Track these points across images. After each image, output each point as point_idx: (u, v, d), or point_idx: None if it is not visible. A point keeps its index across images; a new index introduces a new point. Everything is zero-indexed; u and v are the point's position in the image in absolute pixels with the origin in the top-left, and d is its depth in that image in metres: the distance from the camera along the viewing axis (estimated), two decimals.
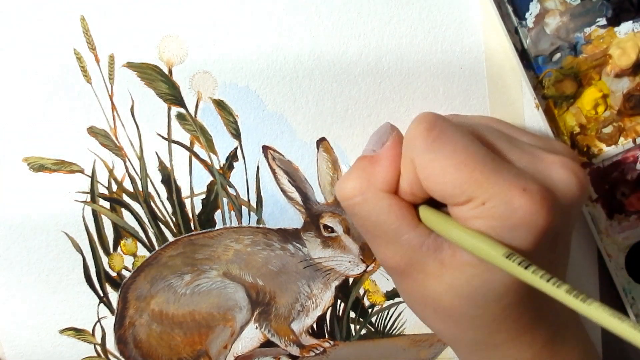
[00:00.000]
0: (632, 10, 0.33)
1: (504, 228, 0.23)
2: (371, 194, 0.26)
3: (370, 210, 0.26)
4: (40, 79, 0.33)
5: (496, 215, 0.23)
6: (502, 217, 0.23)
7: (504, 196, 0.23)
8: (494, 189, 0.23)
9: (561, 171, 0.25)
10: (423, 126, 0.25)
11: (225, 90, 0.34)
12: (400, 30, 0.33)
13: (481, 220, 0.24)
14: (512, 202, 0.23)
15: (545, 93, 0.34)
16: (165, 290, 0.36)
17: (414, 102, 0.34)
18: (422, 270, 0.26)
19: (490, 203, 0.23)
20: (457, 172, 0.24)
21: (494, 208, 0.23)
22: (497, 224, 0.23)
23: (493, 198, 0.23)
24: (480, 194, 0.23)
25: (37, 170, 0.34)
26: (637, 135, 0.34)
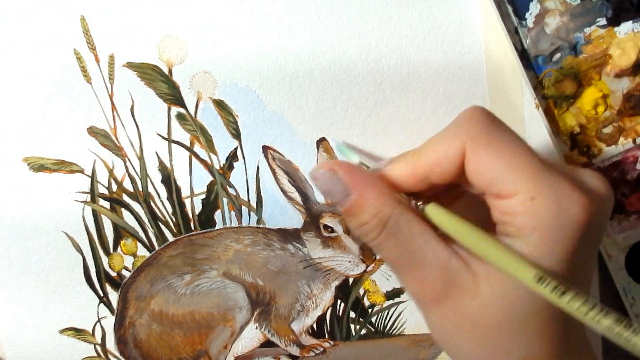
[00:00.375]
0: (632, 10, 0.33)
1: (551, 226, 0.23)
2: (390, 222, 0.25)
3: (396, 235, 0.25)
4: (40, 79, 0.33)
5: (544, 212, 0.23)
6: (551, 214, 0.23)
7: (555, 194, 0.23)
8: (545, 186, 0.23)
9: (592, 178, 0.25)
10: (485, 114, 0.24)
11: (225, 90, 0.34)
12: (400, 30, 0.33)
13: (527, 216, 0.23)
14: (562, 200, 0.23)
15: (545, 93, 0.34)
16: (165, 290, 0.36)
17: (414, 102, 0.34)
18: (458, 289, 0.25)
19: (539, 199, 0.23)
20: (512, 161, 0.23)
21: (543, 205, 0.23)
22: (544, 221, 0.23)
23: (543, 194, 0.23)
24: (530, 188, 0.23)
25: (37, 170, 0.34)
26: (637, 135, 0.34)
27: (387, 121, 0.34)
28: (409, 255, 0.25)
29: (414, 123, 0.34)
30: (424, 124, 0.34)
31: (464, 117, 0.25)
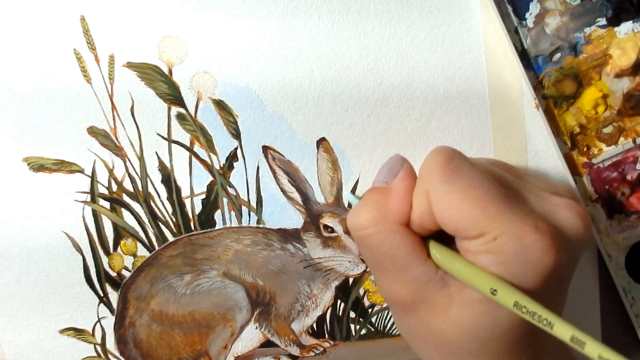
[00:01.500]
0: (632, 10, 0.33)
1: (514, 264, 0.24)
2: (384, 226, 0.26)
3: (381, 242, 0.26)
4: (40, 79, 0.33)
5: (507, 251, 0.24)
6: (513, 253, 0.24)
7: (516, 233, 0.23)
8: (507, 225, 0.24)
9: (567, 213, 0.25)
10: (441, 158, 0.25)
11: (225, 90, 0.34)
12: (400, 30, 0.33)
13: (491, 256, 0.24)
14: (524, 239, 0.23)
15: (545, 93, 0.34)
16: (165, 290, 0.36)
17: (414, 102, 0.34)
18: (428, 305, 0.26)
19: (502, 239, 0.24)
20: (472, 206, 0.24)
21: (505, 244, 0.24)
22: (508, 259, 0.24)
23: (505, 234, 0.24)
24: (492, 229, 0.24)
25: (37, 170, 0.34)
26: (637, 135, 0.34)
27: (387, 121, 0.34)
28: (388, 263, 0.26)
29: (414, 123, 0.34)
30: (424, 124, 0.34)
31: (424, 166, 0.26)
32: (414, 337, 0.28)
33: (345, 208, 0.35)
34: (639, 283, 0.36)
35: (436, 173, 0.25)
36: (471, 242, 0.24)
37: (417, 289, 0.26)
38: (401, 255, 0.26)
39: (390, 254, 0.26)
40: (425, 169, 0.25)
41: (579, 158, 0.35)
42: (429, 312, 0.26)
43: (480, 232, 0.24)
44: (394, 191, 0.26)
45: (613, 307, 0.36)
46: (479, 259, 0.24)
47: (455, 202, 0.24)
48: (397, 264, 0.26)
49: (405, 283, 0.26)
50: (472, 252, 0.25)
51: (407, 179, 0.26)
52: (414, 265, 0.25)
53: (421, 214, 0.25)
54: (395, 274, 0.26)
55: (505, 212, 0.24)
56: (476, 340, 0.25)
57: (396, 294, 0.27)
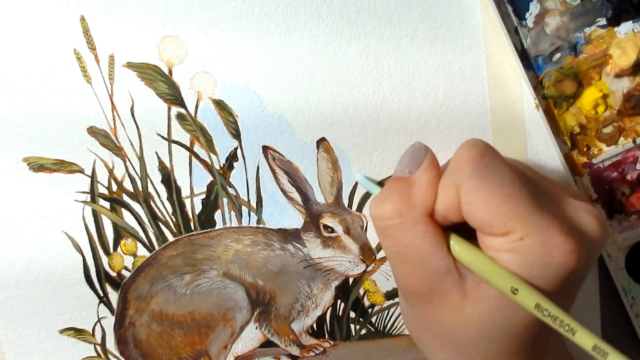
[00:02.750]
0: (632, 10, 0.33)
1: (537, 266, 0.24)
2: (409, 217, 0.26)
3: (405, 233, 0.26)
4: (40, 79, 0.33)
5: (531, 252, 0.24)
6: (537, 254, 0.23)
7: (543, 235, 0.23)
8: (534, 227, 0.23)
9: (588, 217, 0.25)
10: (474, 152, 0.24)
11: (225, 90, 0.34)
12: (400, 30, 0.33)
13: (514, 255, 0.24)
14: (550, 241, 0.23)
15: (545, 93, 0.34)
16: (165, 290, 0.36)
17: (414, 102, 0.34)
18: (443, 299, 0.26)
19: (527, 240, 0.23)
20: (501, 203, 0.24)
21: (531, 245, 0.23)
22: (530, 260, 0.24)
23: (532, 235, 0.23)
24: (519, 229, 0.24)
25: (37, 170, 0.34)
26: (637, 135, 0.34)
27: (387, 121, 0.34)
28: (409, 254, 0.26)
29: (414, 123, 0.34)
30: (424, 124, 0.34)
31: (456, 158, 0.25)
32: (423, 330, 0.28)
33: (345, 208, 0.35)
34: (639, 283, 0.36)
35: (468, 166, 0.24)
36: (495, 239, 0.24)
37: (435, 281, 0.25)
38: (424, 247, 0.25)
39: (412, 245, 0.26)
40: (457, 162, 0.25)
41: (579, 158, 0.35)
42: (443, 305, 0.26)
43: (506, 231, 0.24)
44: (418, 182, 0.26)
45: (613, 307, 0.36)
46: (500, 256, 0.24)
47: (484, 197, 0.24)
48: (418, 255, 0.25)
49: (424, 274, 0.26)
50: (495, 249, 0.24)
51: (431, 169, 0.26)
52: (435, 257, 0.25)
53: (447, 205, 0.25)
54: (415, 265, 0.26)
55: (533, 212, 0.24)
56: (487, 338, 0.25)
57: (413, 285, 0.26)
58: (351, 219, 0.35)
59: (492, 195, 0.24)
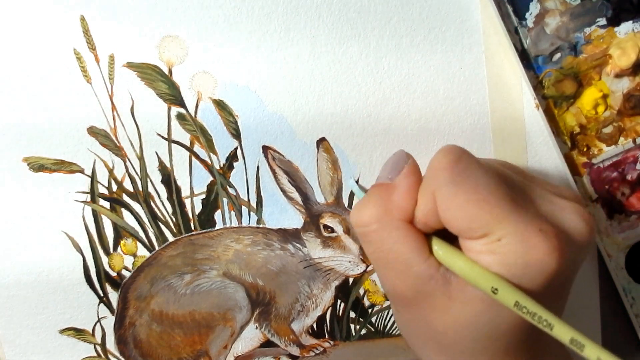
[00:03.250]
0: (632, 10, 0.33)
1: (517, 265, 0.24)
2: (388, 222, 0.26)
3: (384, 239, 0.26)
4: (40, 79, 0.33)
5: (510, 253, 0.24)
6: (517, 254, 0.24)
7: (521, 234, 0.23)
8: (512, 227, 0.24)
9: (573, 216, 0.25)
10: (449, 158, 0.25)
11: (225, 90, 0.34)
12: (400, 30, 0.33)
13: (494, 256, 0.24)
14: (528, 241, 0.23)
15: (545, 93, 0.34)
16: (165, 290, 0.36)
17: (414, 102, 0.34)
18: (429, 302, 0.26)
19: (505, 240, 0.24)
20: (477, 207, 0.24)
21: (509, 245, 0.24)
22: (510, 260, 0.24)
23: (509, 235, 0.24)
24: (497, 230, 0.24)
25: (37, 170, 0.34)
26: (637, 135, 0.34)
27: (387, 121, 0.34)
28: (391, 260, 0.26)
29: (414, 123, 0.34)
30: (424, 124, 0.34)
31: (432, 165, 0.25)
32: (414, 334, 0.28)
33: (345, 208, 0.35)
34: (639, 283, 0.36)
35: (443, 173, 0.25)
36: (475, 242, 0.25)
37: (419, 285, 0.26)
38: (404, 252, 0.26)
39: (393, 251, 0.26)
40: (433, 168, 0.25)
41: (579, 158, 0.35)
42: (429, 309, 0.26)
43: (483, 233, 0.24)
44: (398, 188, 0.26)
45: (613, 307, 0.36)
46: (481, 258, 0.24)
47: (460, 202, 0.24)
48: (400, 261, 0.26)
49: (407, 279, 0.26)
50: (475, 251, 0.25)
51: (411, 175, 0.26)
52: (417, 262, 0.25)
53: (426, 212, 0.25)
54: (398, 270, 0.26)
55: (510, 213, 0.24)
56: (475, 339, 0.26)
57: (398, 290, 0.26)
58: None
59: (468, 199, 0.24)
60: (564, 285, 0.26)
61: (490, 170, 0.25)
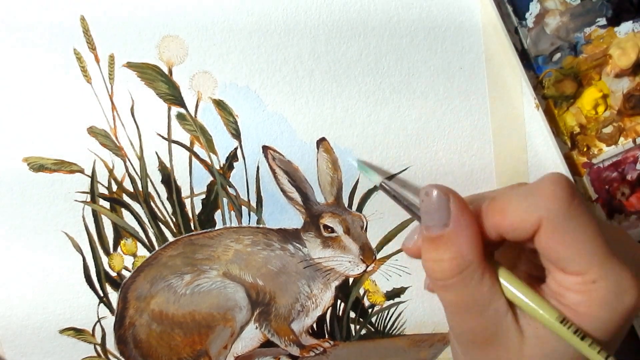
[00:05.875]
0: (632, 10, 0.33)
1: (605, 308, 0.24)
2: (468, 269, 0.26)
3: (466, 286, 0.26)
4: (40, 79, 0.33)
5: (603, 296, 0.24)
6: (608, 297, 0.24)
7: (616, 280, 0.24)
8: (608, 271, 0.24)
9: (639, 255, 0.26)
10: (567, 191, 0.25)
11: (225, 90, 0.34)
12: (400, 30, 0.33)
13: (583, 296, 0.24)
14: (622, 285, 0.24)
15: (545, 93, 0.34)
16: (165, 290, 0.36)
17: (414, 102, 0.34)
18: (503, 340, 0.26)
19: (601, 283, 0.24)
20: (582, 246, 0.24)
21: (603, 289, 0.24)
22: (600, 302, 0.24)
23: (605, 279, 0.24)
24: (594, 272, 0.24)
25: (37, 170, 0.34)
26: (637, 135, 0.34)
27: (387, 121, 0.34)
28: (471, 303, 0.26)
29: (414, 123, 0.34)
30: (424, 124, 0.34)
31: (546, 190, 0.25)
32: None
33: (345, 208, 0.35)
34: None
35: (560, 203, 0.25)
36: (567, 277, 0.25)
37: (496, 323, 0.26)
38: (483, 293, 0.26)
39: (473, 294, 0.26)
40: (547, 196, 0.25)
41: (579, 158, 0.35)
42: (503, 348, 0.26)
43: (580, 270, 0.24)
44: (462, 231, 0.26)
45: None
46: (569, 295, 0.25)
47: (569, 237, 0.24)
48: (479, 302, 0.26)
49: (485, 319, 0.26)
50: (564, 286, 0.25)
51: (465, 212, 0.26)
52: (494, 300, 0.26)
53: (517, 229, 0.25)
54: (475, 312, 0.26)
55: (609, 258, 0.24)
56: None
57: (474, 332, 0.26)
58: (351, 219, 0.35)
59: (576, 236, 0.24)
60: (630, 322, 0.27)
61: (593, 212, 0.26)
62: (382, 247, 0.36)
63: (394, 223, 0.36)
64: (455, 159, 0.35)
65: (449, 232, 0.26)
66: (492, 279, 0.26)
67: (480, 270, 0.26)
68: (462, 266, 0.26)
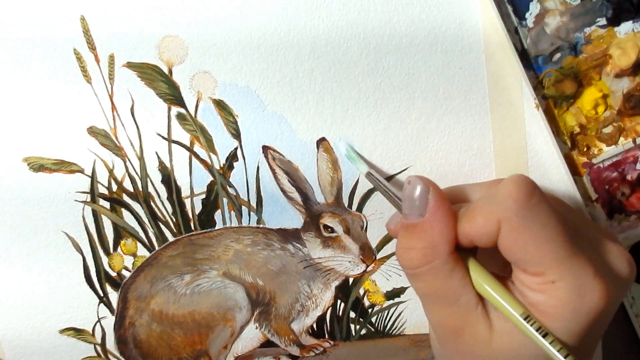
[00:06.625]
0: (632, 10, 0.33)
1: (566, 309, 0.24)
2: (438, 260, 0.26)
3: (436, 276, 0.26)
4: (40, 79, 0.33)
5: (562, 296, 0.24)
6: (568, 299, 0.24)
7: (577, 281, 0.24)
8: (569, 272, 0.24)
9: (619, 259, 0.26)
10: (523, 191, 0.25)
11: (225, 90, 0.34)
12: (400, 30, 0.33)
13: (544, 296, 0.25)
14: (582, 287, 0.24)
15: (545, 93, 0.34)
16: (165, 290, 0.36)
17: (414, 102, 0.34)
18: (472, 333, 0.26)
19: (560, 283, 0.24)
20: (541, 246, 0.24)
21: (562, 289, 0.24)
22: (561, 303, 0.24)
23: (565, 280, 0.24)
24: (553, 272, 0.24)
25: (37, 170, 0.34)
26: (637, 135, 0.34)
27: (387, 121, 0.34)
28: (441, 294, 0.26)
29: (414, 123, 0.34)
30: (424, 124, 0.34)
31: (504, 192, 0.25)
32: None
33: (345, 208, 0.35)
34: (639, 283, 0.36)
35: (516, 204, 0.25)
36: (528, 277, 0.25)
37: (465, 315, 0.26)
38: (454, 285, 0.26)
39: (443, 285, 0.26)
40: (504, 196, 0.25)
41: (579, 158, 0.35)
42: (473, 340, 0.26)
43: (540, 272, 0.24)
44: (437, 224, 0.26)
45: None
46: (530, 294, 0.25)
47: (526, 237, 0.24)
48: (449, 293, 0.26)
49: (456, 310, 0.26)
50: (526, 285, 0.25)
51: (442, 206, 0.26)
52: (465, 292, 0.26)
53: (482, 234, 0.25)
54: (446, 303, 0.26)
55: (568, 258, 0.24)
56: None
57: (445, 322, 0.27)
58: (351, 218, 0.35)
59: (534, 236, 0.24)
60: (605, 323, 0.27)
61: (555, 211, 0.25)
62: (382, 247, 0.36)
63: None
64: (455, 159, 0.35)
65: (423, 222, 0.26)
66: (463, 272, 0.26)
67: (451, 263, 0.26)
68: (432, 257, 0.26)
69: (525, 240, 0.24)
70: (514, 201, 0.25)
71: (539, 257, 0.24)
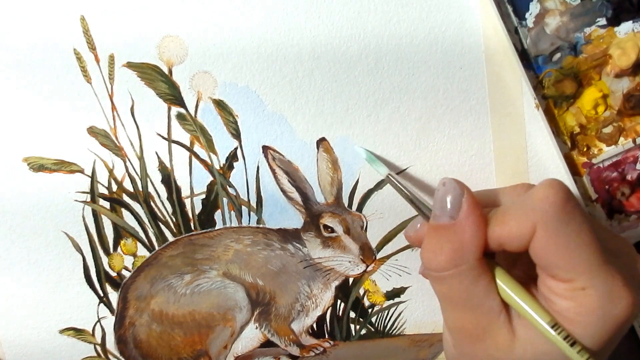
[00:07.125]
0: (632, 10, 0.33)
1: (594, 316, 0.24)
2: (466, 265, 0.26)
3: (460, 280, 0.26)
4: (40, 79, 0.33)
5: (592, 303, 0.24)
6: (598, 306, 0.24)
7: (608, 288, 0.24)
8: (600, 279, 0.24)
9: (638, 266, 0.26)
10: (560, 195, 0.25)
11: (225, 90, 0.34)
12: (400, 30, 0.33)
13: (572, 302, 0.24)
14: (612, 295, 0.24)
15: (545, 93, 0.34)
16: (165, 290, 0.36)
17: (414, 102, 0.34)
18: (495, 339, 0.26)
19: (590, 290, 0.24)
20: (574, 252, 0.24)
21: (592, 296, 0.24)
22: (589, 311, 0.24)
23: (595, 287, 0.24)
24: (584, 279, 0.24)
25: (37, 170, 0.34)
26: (637, 135, 0.34)
27: (387, 121, 0.34)
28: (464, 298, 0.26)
29: (414, 123, 0.34)
30: (424, 124, 0.34)
31: (540, 195, 0.25)
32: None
33: (345, 208, 0.35)
34: None
35: (553, 208, 0.24)
36: (557, 283, 0.25)
37: (488, 321, 0.26)
38: (477, 291, 0.26)
39: (467, 290, 0.26)
40: (540, 200, 0.25)
41: (579, 158, 0.35)
42: (494, 345, 0.26)
43: (570, 277, 0.24)
44: (467, 229, 0.26)
45: None
46: (558, 301, 0.25)
47: (560, 242, 0.24)
48: (473, 299, 0.26)
49: (477, 316, 0.26)
50: (554, 292, 0.25)
51: (475, 211, 0.26)
52: (488, 299, 0.26)
53: (514, 237, 0.25)
54: (469, 308, 0.26)
55: (601, 265, 0.24)
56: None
57: (467, 326, 0.27)
58: (351, 218, 0.35)
59: (568, 242, 0.24)
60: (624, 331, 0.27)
61: (589, 217, 0.25)
62: (382, 247, 0.36)
63: (394, 223, 0.36)
64: (455, 159, 0.35)
65: (455, 224, 0.26)
66: (489, 278, 0.26)
67: (478, 269, 0.26)
68: (460, 260, 0.26)
69: (560, 245, 0.24)
70: (551, 205, 0.24)
71: (571, 263, 0.24)
